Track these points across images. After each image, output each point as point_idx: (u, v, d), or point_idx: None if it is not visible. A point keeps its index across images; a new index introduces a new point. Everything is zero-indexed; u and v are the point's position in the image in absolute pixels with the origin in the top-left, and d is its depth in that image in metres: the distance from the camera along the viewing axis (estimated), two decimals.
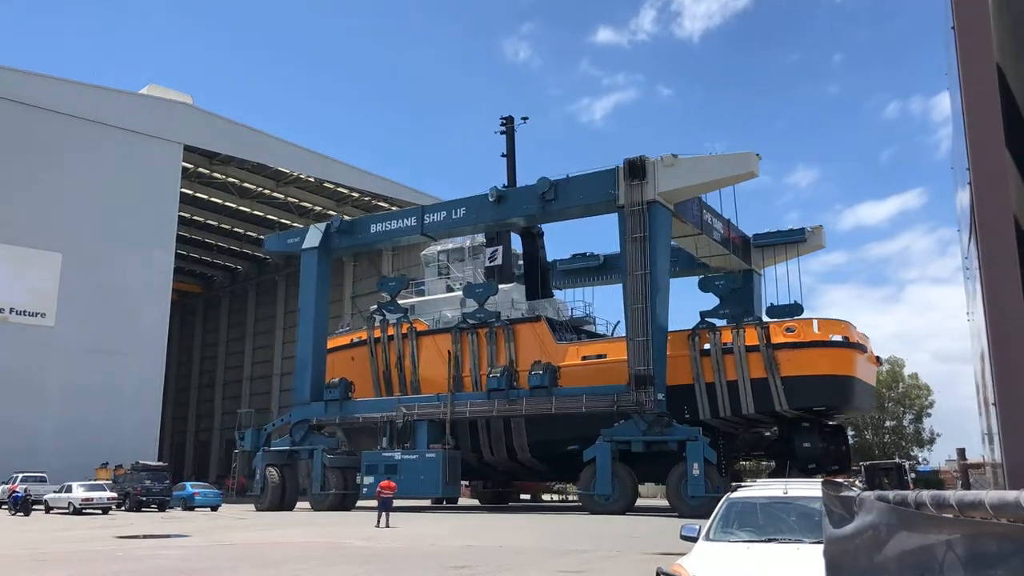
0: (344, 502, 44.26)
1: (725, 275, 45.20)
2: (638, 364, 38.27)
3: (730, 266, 48.67)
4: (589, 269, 55.01)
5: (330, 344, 52.00)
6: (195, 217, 79.08)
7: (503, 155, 53.99)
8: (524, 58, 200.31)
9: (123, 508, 42.98)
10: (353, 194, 76.12)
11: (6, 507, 41.86)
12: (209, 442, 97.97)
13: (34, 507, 40.66)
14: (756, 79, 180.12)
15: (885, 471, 35.37)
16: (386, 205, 78.00)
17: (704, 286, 44.04)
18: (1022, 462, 2.12)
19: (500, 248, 53.26)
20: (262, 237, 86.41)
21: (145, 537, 25.87)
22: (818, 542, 4.07)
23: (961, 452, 36.74)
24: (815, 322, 40.72)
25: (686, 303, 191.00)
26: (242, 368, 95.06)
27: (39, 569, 17.08)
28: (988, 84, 2.34)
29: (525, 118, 55.26)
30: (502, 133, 54.38)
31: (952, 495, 1.84)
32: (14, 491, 40.75)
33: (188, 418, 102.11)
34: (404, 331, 49.72)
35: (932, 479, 54.71)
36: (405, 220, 48.40)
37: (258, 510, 44.24)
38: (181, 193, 64.57)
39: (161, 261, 61.15)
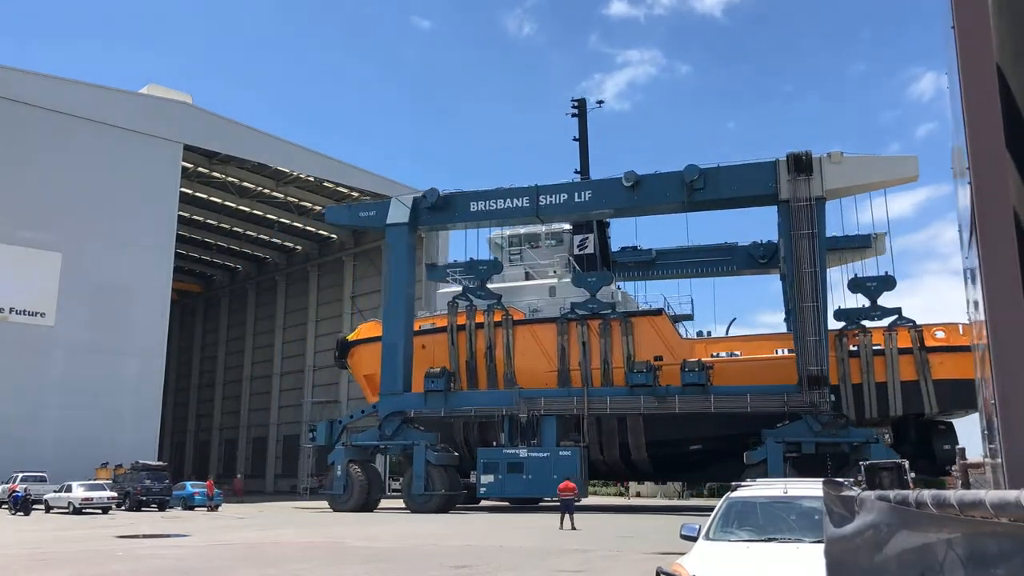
0: (447, 504, 41.53)
1: (878, 277, 43.04)
2: (809, 364, 37.70)
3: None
4: (640, 263, 53.08)
5: None
6: (195, 217, 79.04)
7: (575, 139, 52.86)
8: (528, 33, 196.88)
9: (123, 508, 43.01)
10: (353, 193, 76.08)
11: (6, 507, 41.87)
12: (209, 442, 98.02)
13: (34, 507, 40.68)
14: (781, 55, 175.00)
15: (885, 470, 35.47)
16: None
17: (855, 287, 42.48)
18: (1022, 462, 2.12)
19: (591, 236, 51.13)
20: (262, 237, 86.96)
21: (145, 537, 25.88)
22: (818, 541, 4.08)
23: (961, 452, 36.81)
24: (960, 327, 39.75)
25: (728, 299, 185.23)
26: (242, 368, 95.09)
27: (39, 569, 17.08)
28: (988, 84, 2.34)
29: (600, 102, 54.44)
30: (573, 115, 53.46)
31: (953, 494, 1.84)
32: (14, 491, 40.77)
33: (188, 418, 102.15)
34: (497, 319, 46.08)
35: (933, 479, 54.73)
36: (516, 200, 44.68)
37: (335, 510, 41.52)
38: (181, 193, 64.53)
39: (161, 261, 61.13)
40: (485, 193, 45.74)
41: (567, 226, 51.57)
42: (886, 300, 41.66)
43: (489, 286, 48.23)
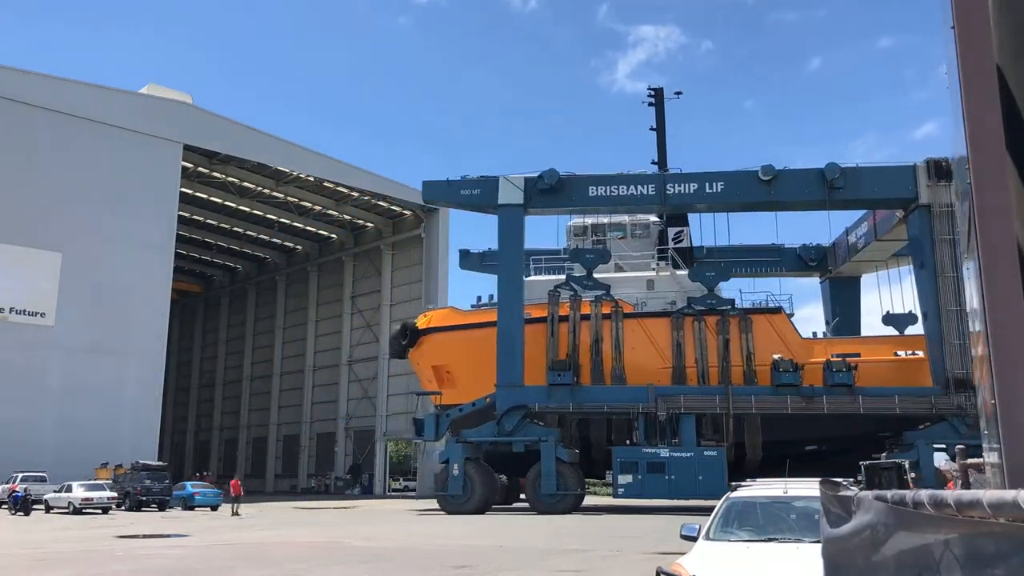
0: (577, 503, 39.72)
1: None
2: (955, 367, 37.95)
3: (852, 271, 48.43)
4: (695, 260, 51.18)
5: (481, 318, 46.24)
6: (195, 217, 79.08)
7: (652, 128, 52.34)
8: (533, 7, 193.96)
9: (123, 508, 43.03)
10: (353, 193, 76.13)
11: (6, 507, 41.89)
12: (209, 442, 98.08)
13: (34, 507, 40.70)
14: (806, 29, 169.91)
15: (885, 470, 35.42)
16: (386, 204, 78.07)
17: None
18: (1022, 462, 2.12)
19: (686, 229, 50.33)
20: (262, 237, 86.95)
21: (145, 537, 25.88)
22: (817, 542, 4.07)
23: (961, 452, 36.88)
24: None
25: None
26: (242, 368, 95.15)
27: (39, 569, 17.08)
28: (988, 85, 2.34)
29: (678, 92, 53.38)
30: (650, 104, 52.96)
31: (950, 494, 1.84)
32: (14, 491, 40.79)
33: (188, 418, 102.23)
34: (606, 311, 43.80)
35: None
36: (640, 187, 43.26)
37: (449, 512, 38.68)
38: (181, 193, 64.55)
39: (161, 261, 61.14)
40: (605, 178, 44.11)
41: (654, 217, 50.33)
42: None
43: (611, 276, 46.68)
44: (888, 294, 48.52)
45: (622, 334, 43.37)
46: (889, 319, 44.50)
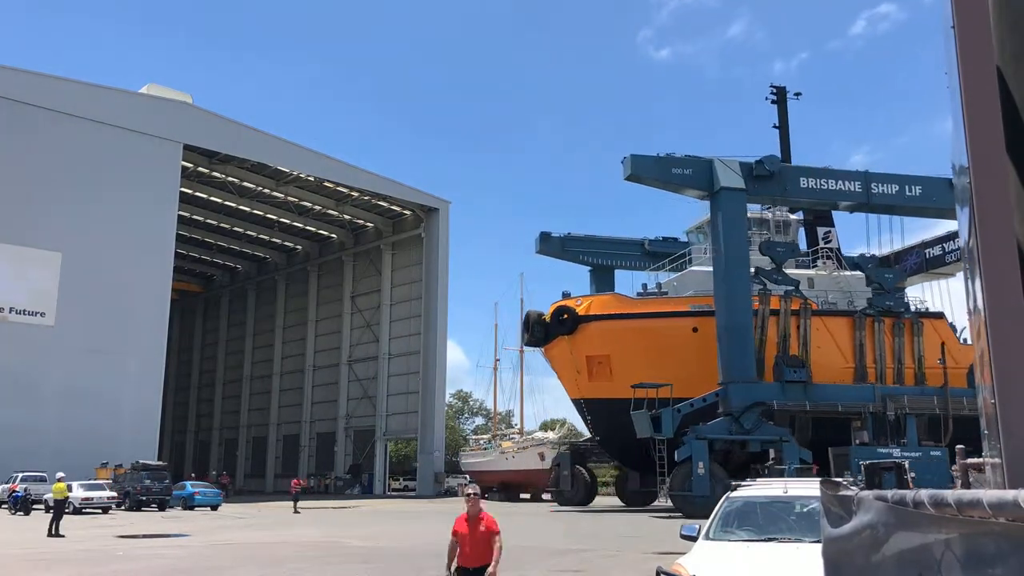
0: None
1: None
2: None
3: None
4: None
5: (652, 307, 44.66)
6: (195, 216, 79.09)
7: (775, 126, 51.39)
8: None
9: (123, 507, 43.00)
10: (353, 193, 76.14)
11: (6, 507, 41.87)
12: (209, 442, 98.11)
13: (34, 507, 40.65)
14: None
15: (885, 470, 35.34)
16: (386, 204, 78.09)
17: None
18: (1021, 462, 2.12)
19: (833, 230, 49.73)
20: (262, 237, 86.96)
21: (145, 537, 25.88)
22: (817, 541, 4.08)
23: (961, 451, 36.77)
24: None
25: None
26: (242, 368, 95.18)
27: (39, 569, 17.09)
28: (988, 85, 2.34)
29: (798, 94, 52.45)
30: (773, 102, 52.14)
31: (950, 494, 1.85)
32: (14, 491, 40.77)
33: (188, 418, 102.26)
34: (795, 307, 42.54)
35: None
36: (847, 183, 42.91)
37: (687, 516, 34.93)
38: (181, 192, 64.54)
39: (161, 260, 61.12)
40: (816, 171, 43.56)
41: (793, 216, 49.62)
42: None
43: (802, 272, 45.66)
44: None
45: (810, 332, 42.60)
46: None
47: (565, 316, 44.89)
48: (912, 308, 45.49)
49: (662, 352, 41.10)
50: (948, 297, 51.99)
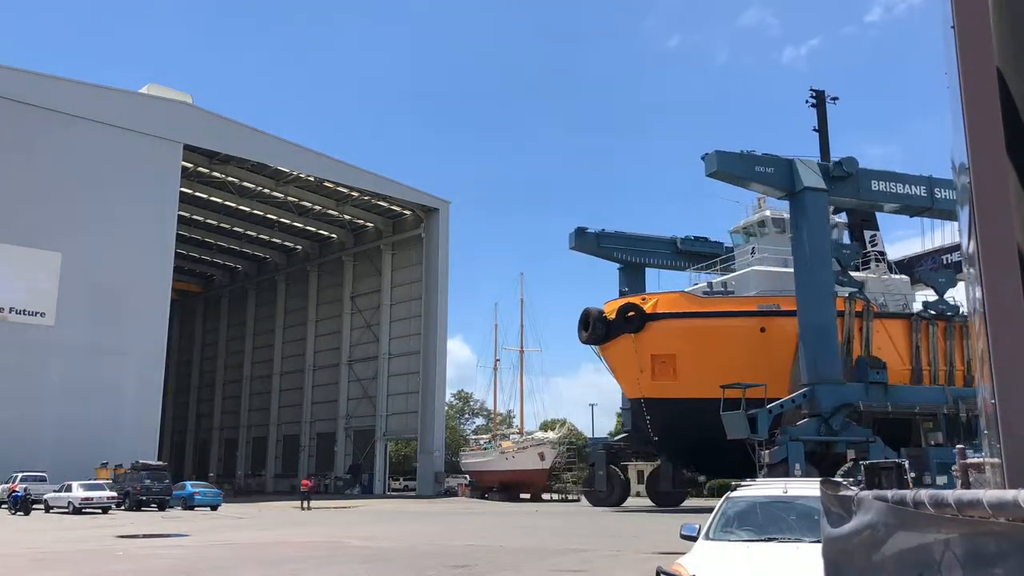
0: None
1: None
2: None
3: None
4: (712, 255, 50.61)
5: (722, 306, 44.23)
6: (195, 217, 79.11)
7: (815, 129, 51.59)
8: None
9: (123, 507, 43.01)
10: (353, 193, 76.17)
11: (6, 507, 41.87)
12: (209, 442, 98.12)
13: (34, 507, 40.66)
14: None
15: (885, 470, 35.08)
16: (386, 204, 78.11)
17: None
18: (1021, 462, 2.13)
19: (878, 233, 50.03)
20: (262, 237, 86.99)
21: (145, 536, 25.88)
22: (817, 541, 4.08)
23: (961, 451, 36.68)
24: None
25: None
26: (242, 368, 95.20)
27: (39, 569, 17.08)
28: (988, 85, 2.34)
29: (835, 98, 52.89)
30: (813, 106, 52.33)
31: (950, 494, 1.85)
32: (14, 490, 40.76)
33: (188, 418, 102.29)
34: (858, 309, 42.59)
35: None
36: (914, 187, 43.66)
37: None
38: (181, 192, 64.56)
39: (161, 261, 61.14)
40: (880, 173, 44.09)
41: (837, 219, 49.38)
42: None
43: (870, 276, 45.91)
44: None
45: (871, 333, 42.67)
46: None
47: (632, 313, 43.94)
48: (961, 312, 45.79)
49: (729, 352, 40.63)
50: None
